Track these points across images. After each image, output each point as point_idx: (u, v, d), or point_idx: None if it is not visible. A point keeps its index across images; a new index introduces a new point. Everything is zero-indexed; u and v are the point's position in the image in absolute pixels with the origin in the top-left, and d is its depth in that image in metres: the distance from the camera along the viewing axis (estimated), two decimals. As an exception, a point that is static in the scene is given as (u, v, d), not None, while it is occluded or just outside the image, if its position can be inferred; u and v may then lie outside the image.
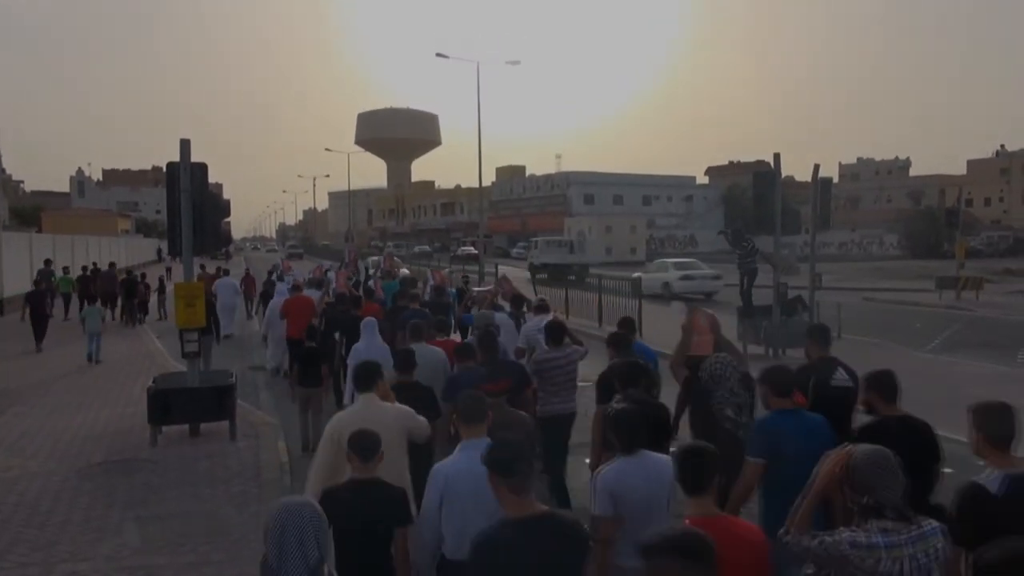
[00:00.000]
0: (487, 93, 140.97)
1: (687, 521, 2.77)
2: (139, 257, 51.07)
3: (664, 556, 2.27)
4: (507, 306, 10.81)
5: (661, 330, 11.26)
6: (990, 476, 3.16)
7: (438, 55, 35.76)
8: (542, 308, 9.46)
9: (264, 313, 14.80)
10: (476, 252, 42.69)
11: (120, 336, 18.67)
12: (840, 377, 4.90)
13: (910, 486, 2.83)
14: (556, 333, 6.96)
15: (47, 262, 24.04)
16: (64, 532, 6.58)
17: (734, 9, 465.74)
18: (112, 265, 25.17)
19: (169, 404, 9.22)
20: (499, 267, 25.65)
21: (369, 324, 8.15)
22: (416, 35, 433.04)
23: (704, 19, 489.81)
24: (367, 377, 4.99)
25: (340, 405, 7.95)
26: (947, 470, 4.34)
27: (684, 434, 5.61)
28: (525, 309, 10.26)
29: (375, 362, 5.26)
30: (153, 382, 9.68)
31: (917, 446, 3.82)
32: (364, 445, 3.82)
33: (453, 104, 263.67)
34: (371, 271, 21.29)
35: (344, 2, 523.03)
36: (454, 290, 15.19)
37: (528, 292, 15.66)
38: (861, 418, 4.31)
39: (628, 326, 7.29)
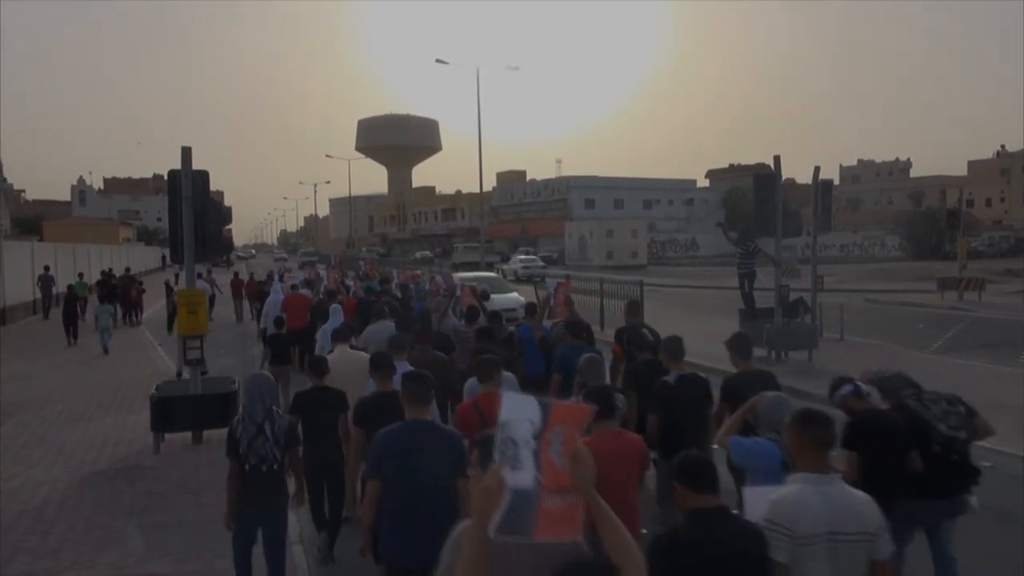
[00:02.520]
0: (487, 99, 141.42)
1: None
2: (142, 264, 51.06)
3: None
4: (456, 317, 10.47)
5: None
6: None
7: (438, 61, 36.00)
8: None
9: (261, 310, 16.61)
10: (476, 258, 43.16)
11: (123, 343, 18.68)
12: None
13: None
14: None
15: (46, 268, 25.37)
16: (68, 540, 6.58)
17: (734, 13, 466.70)
18: (128, 270, 28.91)
19: (172, 412, 9.21)
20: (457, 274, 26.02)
21: (335, 309, 10.83)
22: (416, 41, 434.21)
23: (703, 23, 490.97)
24: (342, 335, 7.82)
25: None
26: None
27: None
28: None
29: (348, 326, 8.62)
30: (156, 389, 9.68)
31: (768, 388, 5.04)
32: (319, 366, 6.49)
33: (453, 110, 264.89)
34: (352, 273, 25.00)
35: (344, 10, 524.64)
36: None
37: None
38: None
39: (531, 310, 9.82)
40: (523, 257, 47.05)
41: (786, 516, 3.02)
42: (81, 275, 26.35)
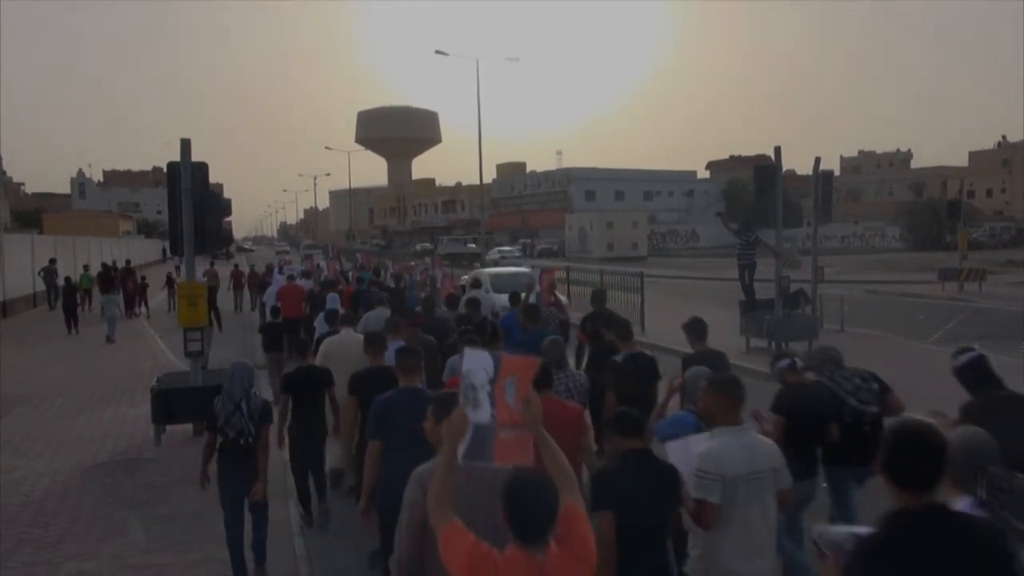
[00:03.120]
0: (487, 90, 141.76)
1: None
2: (143, 257, 51.07)
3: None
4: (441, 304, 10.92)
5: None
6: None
7: (437, 52, 35.53)
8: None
9: (260, 299, 17.66)
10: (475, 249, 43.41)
11: (124, 334, 18.70)
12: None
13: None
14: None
15: (52, 261, 25.72)
16: (70, 531, 6.60)
17: (735, 4, 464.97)
18: (128, 263, 30.23)
19: (172, 404, 9.23)
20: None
21: (332, 297, 11.96)
22: (415, 33, 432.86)
23: (703, 13, 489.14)
24: (347, 319, 8.43)
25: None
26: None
27: None
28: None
29: (348, 312, 9.42)
30: (156, 382, 9.69)
31: (718, 367, 5.47)
32: (302, 346, 7.45)
33: (453, 101, 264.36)
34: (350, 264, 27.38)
35: (343, 2, 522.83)
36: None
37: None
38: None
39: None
40: (500, 248, 51.97)
41: (716, 464, 3.61)
42: (87, 267, 27.25)
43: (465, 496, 2.82)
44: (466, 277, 17.51)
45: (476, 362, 2.85)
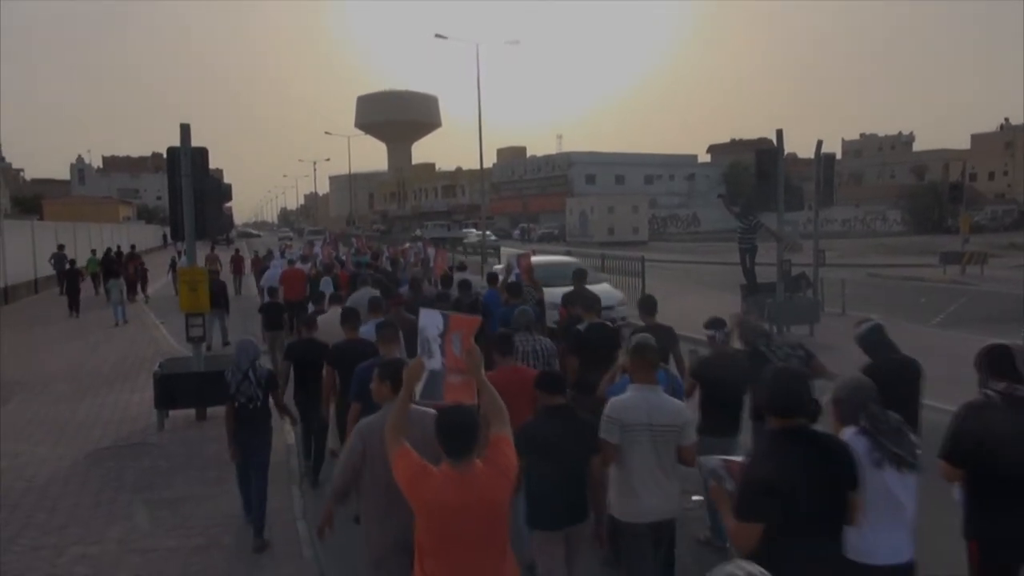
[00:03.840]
0: (487, 74, 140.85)
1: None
2: (143, 243, 51.00)
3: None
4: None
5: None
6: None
7: (437, 36, 35.28)
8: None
9: (260, 283, 18.21)
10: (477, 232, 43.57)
11: (126, 322, 18.73)
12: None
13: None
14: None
15: (60, 247, 26.05)
16: (74, 516, 6.64)
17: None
18: (133, 247, 31.54)
19: (175, 389, 9.26)
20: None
21: (326, 280, 13.04)
22: (415, 16, 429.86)
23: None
24: (327, 298, 9.53)
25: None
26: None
27: None
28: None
29: (335, 293, 10.07)
30: (159, 367, 9.71)
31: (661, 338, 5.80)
32: (310, 320, 7.89)
33: (453, 85, 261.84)
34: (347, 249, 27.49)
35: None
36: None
37: None
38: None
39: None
40: (475, 232, 53.87)
41: (618, 412, 4.27)
42: (94, 251, 28.23)
43: (410, 437, 3.39)
44: (500, 267, 16.89)
45: (429, 320, 3.64)
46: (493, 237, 48.38)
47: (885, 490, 3.39)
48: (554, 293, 10.38)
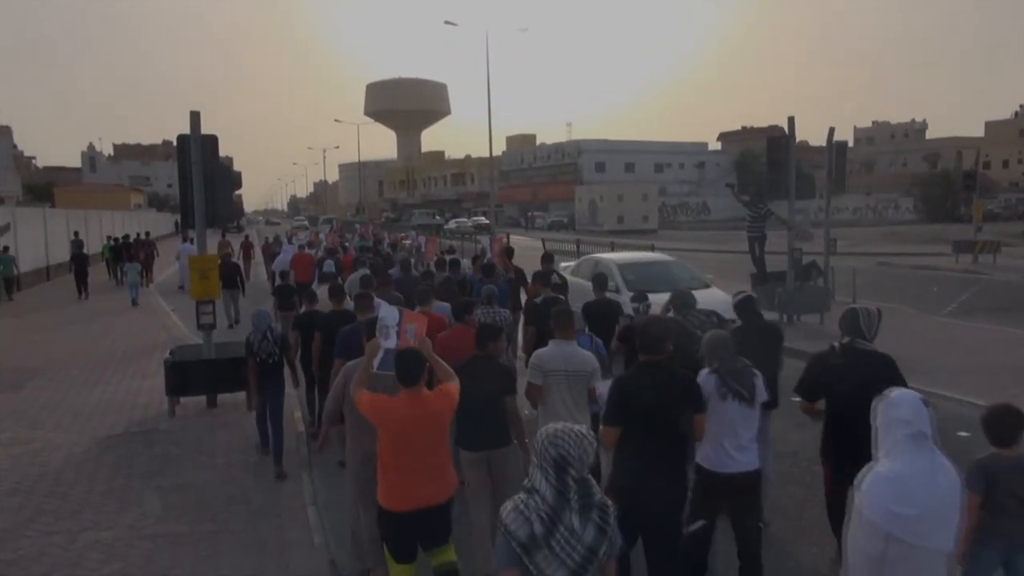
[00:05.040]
0: (497, 61, 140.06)
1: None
2: (155, 230, 51.20)
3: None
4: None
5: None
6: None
7: (447, 23, 35.29)
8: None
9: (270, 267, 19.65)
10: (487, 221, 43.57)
11: (137, 309, 18.84)
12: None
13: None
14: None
15: (76, 233, 26.34)
16: (87, 502, 6.70)
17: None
18: (147, 234, 32.92)
19: (186, 376, 9.31)
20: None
21: (327, 263, 13.68)
22: (425, 3, 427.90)
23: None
24: (325, 277, 11.09)
25: None
26: (962, 433, 4.53)
27: None
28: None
29: (331, 273, 12.31)
30: (170, 354, 9.77)
31: (611, 310, 7.91)
32: (337, 291, 8.50)
33: (463, 73, 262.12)
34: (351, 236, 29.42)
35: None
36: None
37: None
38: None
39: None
40: (456, 219, 60.52)
41: (541, 360, 5.41)
42: (109, 237, 29.37)
43: (374, 388, 4.49)
44: (570, 264, 15.33)
45: (387, 312, 4.71)
46: (471, 225, 52.81)
47: (730, 418, 4.44)
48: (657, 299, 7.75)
